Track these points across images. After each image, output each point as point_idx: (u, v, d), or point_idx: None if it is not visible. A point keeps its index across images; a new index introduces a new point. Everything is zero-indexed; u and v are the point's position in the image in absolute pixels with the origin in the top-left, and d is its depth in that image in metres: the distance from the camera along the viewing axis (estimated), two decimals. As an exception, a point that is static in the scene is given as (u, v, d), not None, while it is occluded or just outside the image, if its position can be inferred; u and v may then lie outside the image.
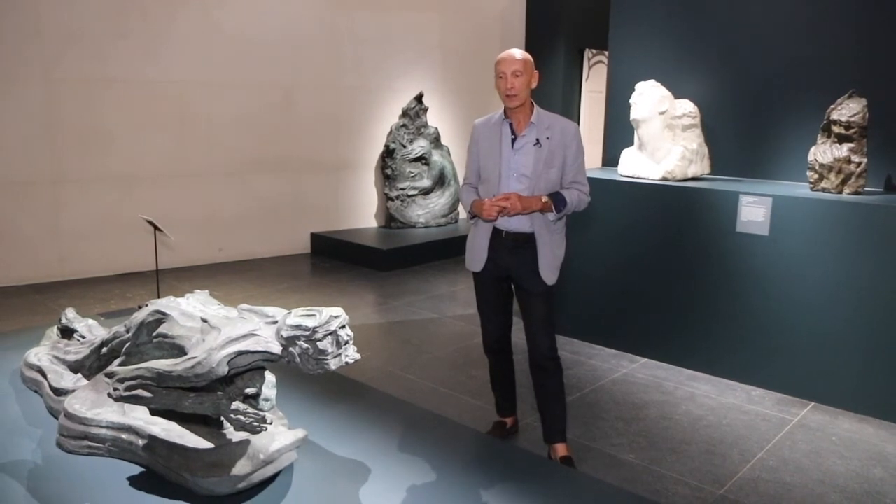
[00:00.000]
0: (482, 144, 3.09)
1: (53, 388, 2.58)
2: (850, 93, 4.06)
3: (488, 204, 2.89)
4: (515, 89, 2.91)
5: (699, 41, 4.98)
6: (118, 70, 6.49)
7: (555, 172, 3.00)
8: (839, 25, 4.41)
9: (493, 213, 2.89)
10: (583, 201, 3.07)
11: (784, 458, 3.40)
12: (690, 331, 4.48)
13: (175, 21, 6.77)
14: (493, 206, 2.88)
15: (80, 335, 2.93)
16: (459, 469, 2.40)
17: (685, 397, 4.09)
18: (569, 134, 3.02)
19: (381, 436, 2.59)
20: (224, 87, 7.14)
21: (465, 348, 4.83)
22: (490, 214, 2.90)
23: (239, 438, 2.14)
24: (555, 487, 2.33)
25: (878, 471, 3.29)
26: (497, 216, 2.92)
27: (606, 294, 4.86)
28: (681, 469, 3.28)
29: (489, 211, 2.88)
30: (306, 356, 1.91)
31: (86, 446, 2.28)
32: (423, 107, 8.37)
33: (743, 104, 4.81)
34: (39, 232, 6.30)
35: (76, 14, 6.22)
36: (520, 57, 2.95)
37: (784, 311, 4.08)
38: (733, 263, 4.24)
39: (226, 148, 7.22)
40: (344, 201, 8.27)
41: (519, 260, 3.05)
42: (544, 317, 3.09)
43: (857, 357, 3.86)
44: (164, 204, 6.75)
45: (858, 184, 4.04)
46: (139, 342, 2.31)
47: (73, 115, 6.33)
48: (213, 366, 1.96)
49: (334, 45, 7.89)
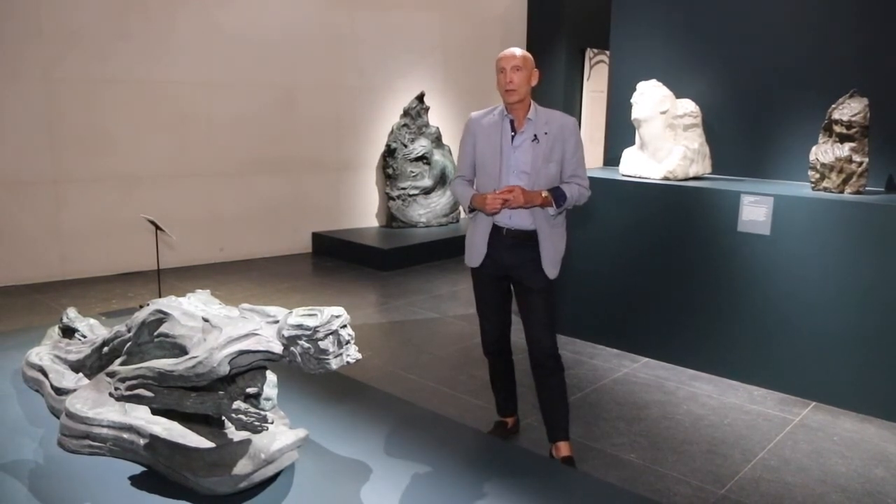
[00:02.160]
0: (479, 139, 3.07)
1: (55, 387, 2.59)
2: (852, 92, 4.06)
3: (490, 197, 2.88)
4: (514, 84, 2.91)
5: (700, 41, 4.97)
6: (119, 70, 6.50)
7: (554, 167, 3.00)
8: (841, 25, 4.41)
9: (497, 206, 2.88)
10: (583, 195, 3.07)
11: (785, 457, 3.40)
12: (692, 330, 4.48)
13: (176, 21, 6.77)
14: (496, 198, 2.87)
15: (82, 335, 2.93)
16: (460, 469, 2.39)
17: (686, 397, 4.09)
18: (567, 128, 3.02)
19: (382, 435, 2.59)
20: (225, 87, 7.14)
21: (467, 348, 4.83)
22: (494, 207, 2.89)
23: (240, 438, 2.14)
24: (556, 487, 2.33)
25: (879, 471, 3.29)
26: (500, 209, 2.92)
27: (608, 294, 4.85)
28: (682, 469, 3.27)
29: (492, 204, 2.88)
30: (307, 356, 1.91)
31: (87, 446, 2.28)
32: (424, 106, 8.37)
33: (744, 104, 4.80)
34: (40, 231, 6.30)
35: (77, 14, 6.23)
36: (519, 53, 2.96)
37: (785, 311, 4.07)
38: (735, 263, 4.24)
39: (227, 148, 7.22)
40: (345, 201, 8.28)
41: (519, 257, 3.04)
42: (545, 314, 3.08)
43: (859, 357, 3.85)
44: (166, 203, 6.76)
45: (860, 183, 4.04)
46: (140, 342, 2.31)
47: (75, 114, 6.33)
48: (215, 365, 1.96)
49: (335, 44, 7.89)
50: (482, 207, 2.95)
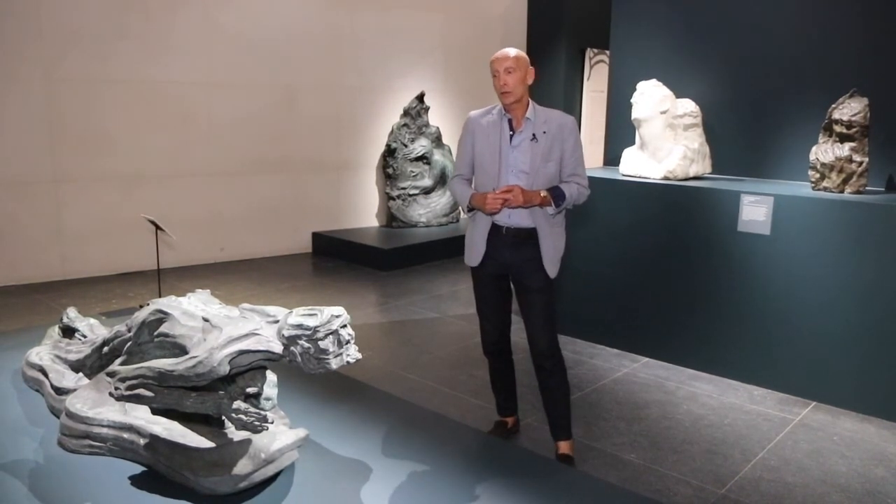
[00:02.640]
0: (478, 138, 3.07)
1: (55, 387, 2.59)
2: (852, 92, 4.06)
3: (490, 197, 2.88)
4: (509, 86, 2.91)
5: (701, 41, 4.97)
6: (120, 70, 6.50)
7: (552, 166, 3.00)
8: (841, 24, 4.41)
9: (497, 206, 2.88)
10: (582, 194, 3.07)
11: (786, 457, 3.40)
12: (692, 330, 4.48)
13: (176, 21, 6.77)
14: (496, 199, 2.87)
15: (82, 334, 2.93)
16: (460, 468, 2.40)
17: (687, 397, 4.09)
18: (566, 128, 3.01)
19: (383, 435, 2.59)
20: (225, 86, 7.14)
21: (467, 348, 4.83)
22: (494, 207, 2.89)
23: (240, 438, 2.14)
24: (556, 487, 2.33)
25: (879, 470, 3.29)
26: (500, 209, 2.92)
27: (608, 294, 4.85)
28: (682, 469, 3.27)
29: (493, 204, 2.87)
30: (307, 355, 1.91)
31: (87, 445, 2.28)
32: (424, 106, 8.37)
33: (744, 103, 4.80)
34: (41, 231, 6.30)
35: (78, 14, 6.23)
36: (512, 54, 2.94)
37: (786, 311, 4.07)
38: (735, 263, 4.24)
39: (227, 147, 7.22)
40: (345, 201, 8.28)
41: (519, 255, 3.04)
42: (545, 313, 3.08)
43: (859, 356, 3.85)
44: (166, 203, 6.76)
45: (860, 183, 4.04)
46: (140, 341, 2.31)
47: (75, 114, 6.33)
48: (215, 365, 1.96)
49: (335, 44, 7.89)
50: (482, 207, 2.95)
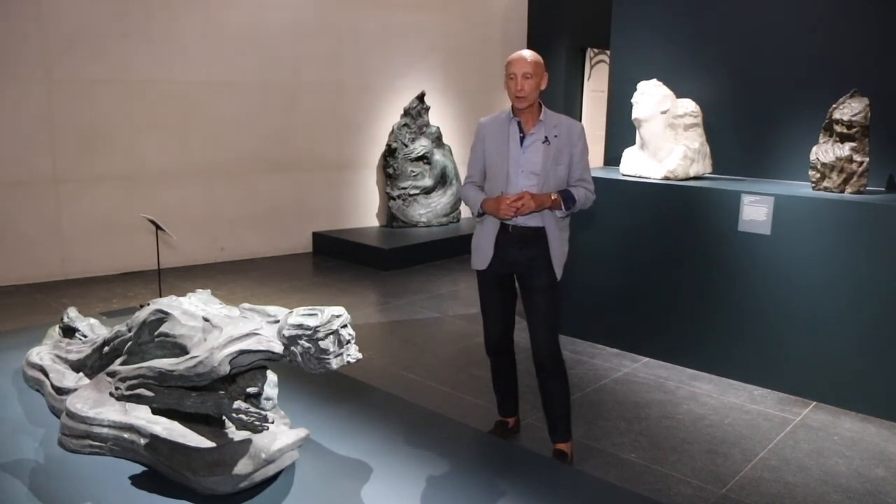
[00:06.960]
0: (489, 142, 3.11)
1: (55, 387, 2.59)
2: (852, 92, 4.06)
3: (505, 205, 2.90)
4: (525, 91, 2.94)
5: (701, 40, 4.97)
6: (120, 69, 6.49)
7: (562, 170, 3.05)
8: (841, 24, 4.41)
9: (511, 213, 2.92)
10: (589, 199, 3.12)
11: (786, 457, 3.40)
12: (692, 330, 4.48)
13: (177, 21, 6.77)
14: (510, 206, 2.89)
15: (82, 334, 2.93)
16: (461, 468, 2.40)
17: (687, 397, 4.09)
18: (575, 133, 3.07)
19: (383, 435, 2.59)
20: (226, 86, 7.14)
21: (467, 347, 4.83)
22: (507, 214, 2.92)
23: (241, 438, 2.14)
24: (556, 487, 2.33)
25: (880, 470, 3.29)
26: (514, 215, 2.94)
27: (608, 293, 4.85)
28: (682, 468, 3.27)
29: (507, 211, 2.91)
30: (308, 355, 1.91)
31: (87, 445, 2.28)
32: (424, 106, 8.37)
33: (745, 103, 4.80)
34: (41, 231, 6.30)
35: (78, 13, 6.22)
36: (531, 59, 2.96)
37: (786, 311, 4.07)
38: (735, 263, 4.24)
39: (228, 147, 7.22)
40: (346, 200, 8.27)
41: (526, 254, 3.07)
42: (549, 314, 3.10)
43: (859, 356, 3.85)
44: (166, 203, 6.76)
45: (860, 183, 4.04)
46: (141, 341, 2.31)
47: (75, 114, 6.33)
48: (215, 365, 1.96)
49: (336, 44, 7.89)
50: (495, 213, 2.98)
